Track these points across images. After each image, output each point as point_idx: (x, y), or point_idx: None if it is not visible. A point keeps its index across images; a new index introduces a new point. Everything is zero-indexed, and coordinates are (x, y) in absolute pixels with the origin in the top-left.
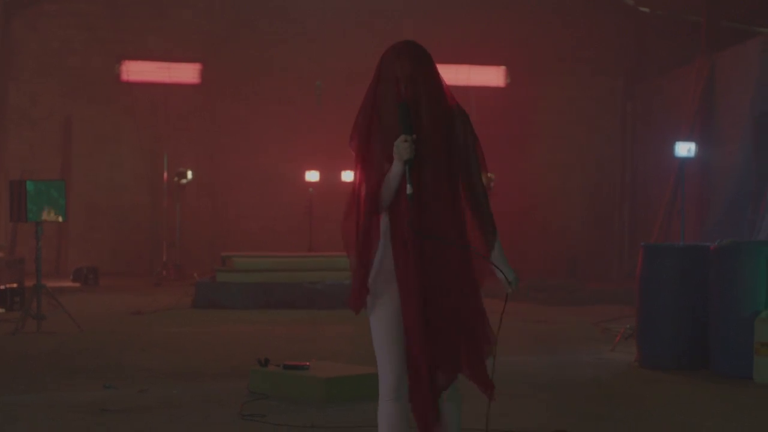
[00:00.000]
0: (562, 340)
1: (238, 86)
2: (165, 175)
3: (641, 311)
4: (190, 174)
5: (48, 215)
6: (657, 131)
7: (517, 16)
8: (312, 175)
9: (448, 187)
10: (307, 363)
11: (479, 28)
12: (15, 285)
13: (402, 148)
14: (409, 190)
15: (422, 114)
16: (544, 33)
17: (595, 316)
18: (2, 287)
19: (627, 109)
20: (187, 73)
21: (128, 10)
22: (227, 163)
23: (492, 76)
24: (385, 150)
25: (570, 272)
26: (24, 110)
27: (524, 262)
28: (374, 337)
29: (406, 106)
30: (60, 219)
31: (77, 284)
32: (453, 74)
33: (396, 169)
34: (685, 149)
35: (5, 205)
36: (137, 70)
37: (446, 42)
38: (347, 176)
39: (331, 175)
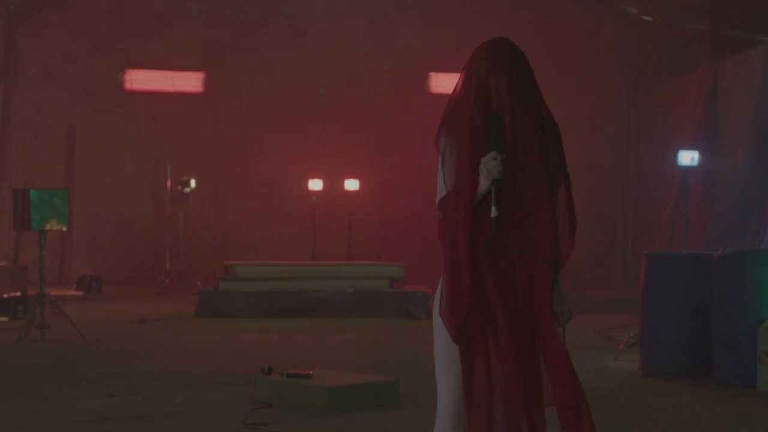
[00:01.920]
0: None
1: (241, 95)
2: (168, 183)
3: (644, 319)
4: (193, 182)
5: (52, 224)
6: (660, 139)
7: (519, 23)
8: (315, 184)
9: (540, 209)
10: (310, 371)
11: (480, 36)
12: (18, 293)
13: (491, 165)
14: (493, 212)
15: (516, 129)
16: (547, 41)
17: (598, 324)
18: (6, 296)
19: (630, 117)
20: (190, 81)
21: (131, 18)
22: (230, 172)
23: None
24: (471, 165)
25: (572, 280)
26: (27, 118)
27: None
28: (437, 357)
29: (498, 119)
30: (64, 228)
31: (80, 293)
32: (454, 83)
33: (481, 187)
34: (688, 158)
35: (9, 214)
36: (140, 79)
37: (446, 50)
38: (350, 185)
39: (334, 184)
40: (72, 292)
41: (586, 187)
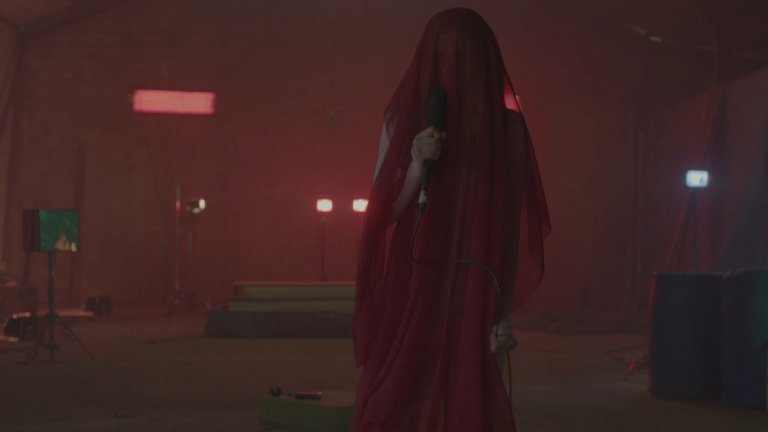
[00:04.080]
0: (575, 369)
1: (251, 115)
2: (177, 204)
3: (654, 340)
4: (202, 203)
5: (61, 245)
6: (669, 160)
7: (529, 45)
8: (324, 204)
9: (490, 209)
10: (320, 392)
11: None
12: (28, 314)
13: (424, 143)
14: (422, 197)
15: (465, 107)
16: (556, 62)
17: (608, 345)
18: (15, 316)
19: (639, 138)
20: (199, 102)
21: (140, 39)
22: (240, 193)
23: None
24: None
25: (582, 301)
26: (37, 139)
27: (537, 291)
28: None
29: (442, 93)
30: (73, 248)
31: (90, 313)
32: None
33: (412, 171)
34: (697, 179)
35: (18, 235)
36: (150, 100)
37: None
38: (359, 205)
39: (343, 205)
40: (81, 313)
41: (595, 208)
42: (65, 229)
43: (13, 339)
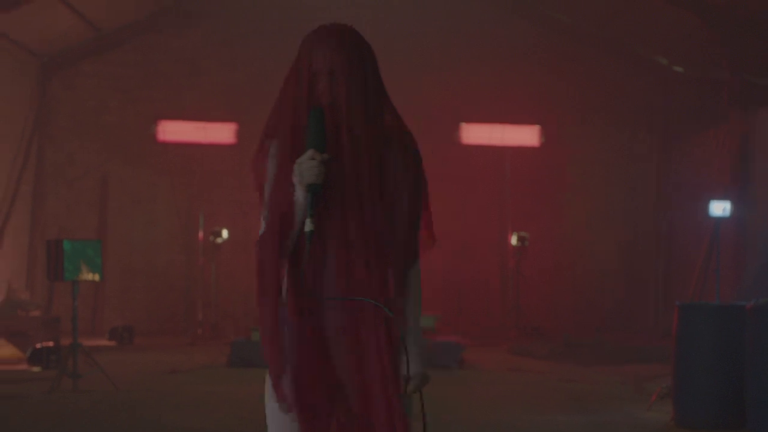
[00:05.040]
0: (597, 399)
1: None
2: (200, 234)
3: (677, 370)
4: (225, 233)
5: (84, 274)
6: (691, 189)
7: (550, 74)
8: None
9: (372, 236)
10: None
11: (512, 88)
12: (51, 343)
13: (306, 167)
14: (308, 226)
15: (342, 127)
16: (578, 92)
17: (630, 375)
18: (39, 346)
19: (661, 167)
20: (222, 132)
21: (164, 70)
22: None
23: (526, 136)
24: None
25: (604, 330)
26: (61, 168)
27: (558, 320)
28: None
29: (320, 112)
30: (96, 278)
31: (113, 343)
32: (487, 133)
33: (298, 198)
34: (720, 208)
35: (42, 264)
36: (173, 130)
37: (479, 101)
38: None
39: None
40: (104, 343)
41: (616, 237)
42: (89, 259)
43: (36, 368)
